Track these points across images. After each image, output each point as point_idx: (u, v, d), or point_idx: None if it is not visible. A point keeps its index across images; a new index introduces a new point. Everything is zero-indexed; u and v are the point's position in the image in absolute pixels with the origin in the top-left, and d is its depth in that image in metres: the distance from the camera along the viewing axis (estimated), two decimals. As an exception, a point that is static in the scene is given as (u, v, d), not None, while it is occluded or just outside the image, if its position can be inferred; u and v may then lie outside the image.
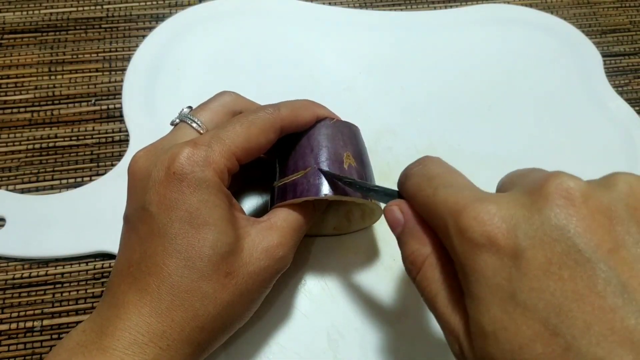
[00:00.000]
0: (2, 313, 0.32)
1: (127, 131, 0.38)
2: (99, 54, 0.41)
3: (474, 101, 0.40)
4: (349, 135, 0.30)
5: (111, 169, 0.36)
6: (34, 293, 0.32)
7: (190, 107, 0.29)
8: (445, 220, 0.20)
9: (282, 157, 0.30)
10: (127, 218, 0.26)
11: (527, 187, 0.19)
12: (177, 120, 0.28)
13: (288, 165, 0.29)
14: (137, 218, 0.25)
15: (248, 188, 0.35)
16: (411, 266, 0.23)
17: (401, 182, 0.25)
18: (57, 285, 0.33)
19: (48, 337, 0.31)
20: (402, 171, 0.25)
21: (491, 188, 0.36)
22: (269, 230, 0.26)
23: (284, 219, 0.27)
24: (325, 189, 0.27)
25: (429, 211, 0.22)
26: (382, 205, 0.27)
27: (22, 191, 0.35)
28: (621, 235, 0.17)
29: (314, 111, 0.29)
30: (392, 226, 0.24)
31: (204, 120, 0.27)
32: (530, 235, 0.18)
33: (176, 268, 0.23)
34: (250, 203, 0.35)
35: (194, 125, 0.27)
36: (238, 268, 0.25)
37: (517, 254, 0.18)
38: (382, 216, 0.31)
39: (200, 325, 0.24)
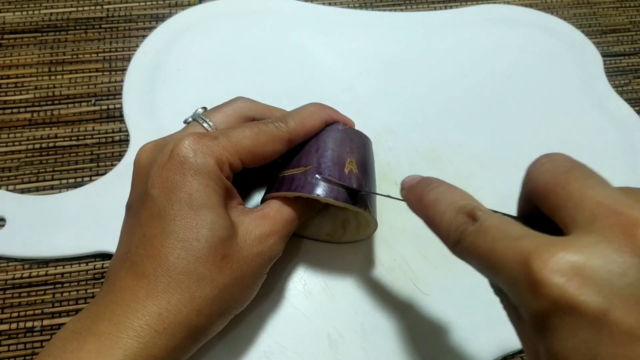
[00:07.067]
0: (2, 313, 0.32)
1: (127, 131, 0.38)
2: (99, 54, 0.41)
3: (474, 101, 0.40)
4: (357, 143, 0.30)
5: (111, 169, 0.36)
6: (34, 293, 0.32)
7: (204, 108, 0.30)
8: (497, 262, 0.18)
9: (288, 152, 0.30)
10: (129, 206, 0.26)
11: (601, 226, 0.16)
12: (190, 119, 0.29)
13: (291, 161, 0.30)
14: (139, 203, 0.25)
15: (247, 179, 0.35)
16: None
17: (401, 188, 0.26)
18: (57, 285, 0.33)
19: (48, 337, 0.31)
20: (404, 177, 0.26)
21: (491, 188, 0.36)
22: (262, 219, 0.27)
23: (277, 210, 0.28)
24: (320, 190, 0.27)
25: (431, 221, 0.23)
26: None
27: (22, 191, 0.35)
28: None
29: (321, 117, 0.30)
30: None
31: (216, 122, 0.28)
32: (617, 294, 0.15)
33: (173, 249, 0.24)
34: (248, 193, 0.35)
35: (205, 125, 0.28)
36: (233, 252, 0.25)
37: (601, 315, 0.15)
38: (377, 228, 0.31)
39: (197, 308, 0.24)
